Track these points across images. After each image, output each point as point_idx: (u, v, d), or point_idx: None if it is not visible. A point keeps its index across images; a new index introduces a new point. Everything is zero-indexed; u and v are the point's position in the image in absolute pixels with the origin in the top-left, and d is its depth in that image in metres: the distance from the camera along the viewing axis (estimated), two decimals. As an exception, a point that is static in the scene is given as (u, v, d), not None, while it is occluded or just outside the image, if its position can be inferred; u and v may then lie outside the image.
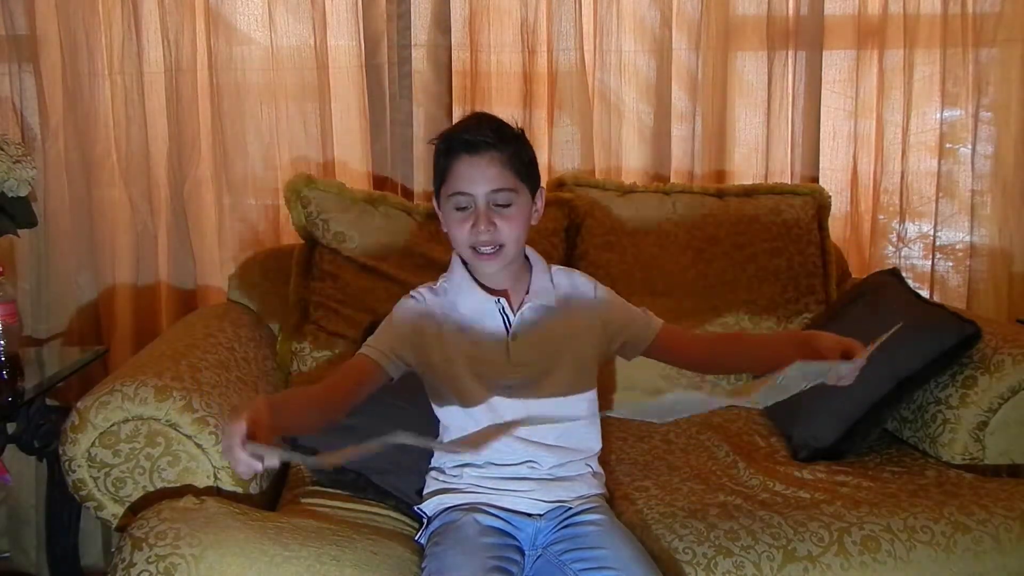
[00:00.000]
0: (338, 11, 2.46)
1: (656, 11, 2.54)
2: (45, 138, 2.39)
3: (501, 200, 1.56)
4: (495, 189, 1.55)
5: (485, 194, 1.55)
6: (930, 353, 1.95)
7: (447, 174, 1.57)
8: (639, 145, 2.61)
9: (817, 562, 1.63)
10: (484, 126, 1.57)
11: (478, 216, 1.55)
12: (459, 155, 1.55)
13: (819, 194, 2.43)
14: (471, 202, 1.56)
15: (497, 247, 1.57)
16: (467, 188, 1.55)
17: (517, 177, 1.57)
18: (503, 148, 1.55)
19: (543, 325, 1.64)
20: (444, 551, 1.47)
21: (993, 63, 2.64)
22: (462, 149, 1.55)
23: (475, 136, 1.55)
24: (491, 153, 1.54)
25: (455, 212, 1.58)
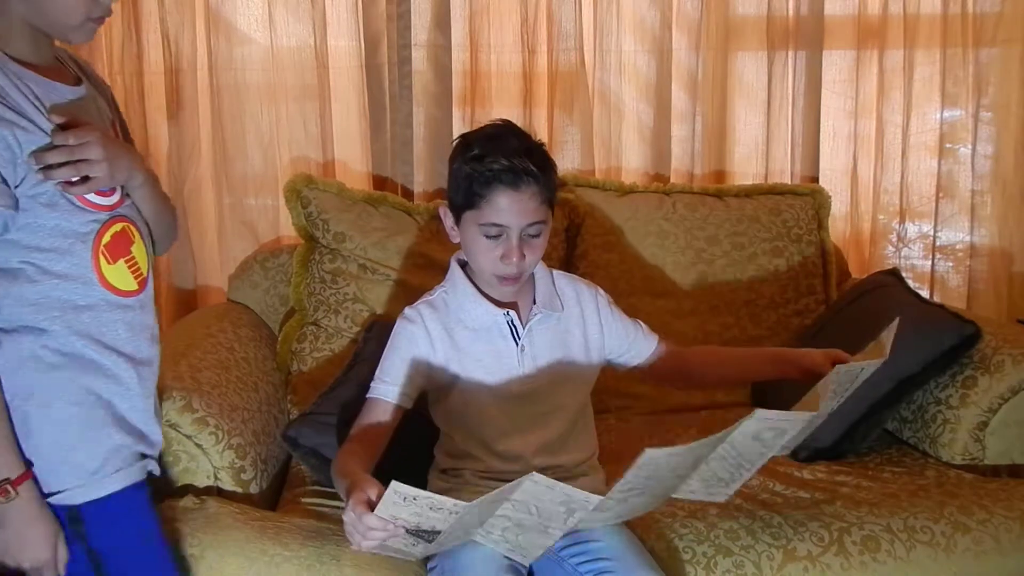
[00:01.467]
0: (338, 11, 2.45)
1: (656, 11, 2.53)
2: (45, 138, 2.38)
3: (533, 232, 1.53)
4: (530, 223, 1.52)
5: (521, 227, 1.52)
6: (930, 353, 1.95)
7: (482, 203, 1.50)
8: (639, 145, 2.61)
9: (817, 562, 1.63)
10: (522, 150, 1.51)
11: (510, 248, 1.51)
12: (500, 187, 1.49)
13: (819, 194, 2.43)
14: (505, 232, 1.52)
15: (519, 275, 1.56)
16: (505, 221, 1.51)
17: (548, 207, 1.55)
18: (541, 178, 1.51)
19: (551, 334, 1.64)
20: (456, 551, 1.46)
21: (993, 63, 2.64)
22: (505, 182, 1.49)
23: (518, 166, 1.49)
24: (532, 188, 1.50)
25: (484, 239, 1.53)
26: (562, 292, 1.67)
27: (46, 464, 1.25)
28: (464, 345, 1.61)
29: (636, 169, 2.60)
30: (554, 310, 1.64)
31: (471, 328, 1.61)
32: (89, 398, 1.28)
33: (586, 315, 1.68)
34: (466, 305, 1.61)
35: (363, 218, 2.20)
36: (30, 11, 1.24)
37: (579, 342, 1.66)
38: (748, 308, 2.30)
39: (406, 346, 1.60)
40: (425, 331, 1.60)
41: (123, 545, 1.30)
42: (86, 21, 1.25)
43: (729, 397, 2.26)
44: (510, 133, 1.56)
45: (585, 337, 1.67)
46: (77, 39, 1.29)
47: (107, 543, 1.28)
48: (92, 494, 1.27)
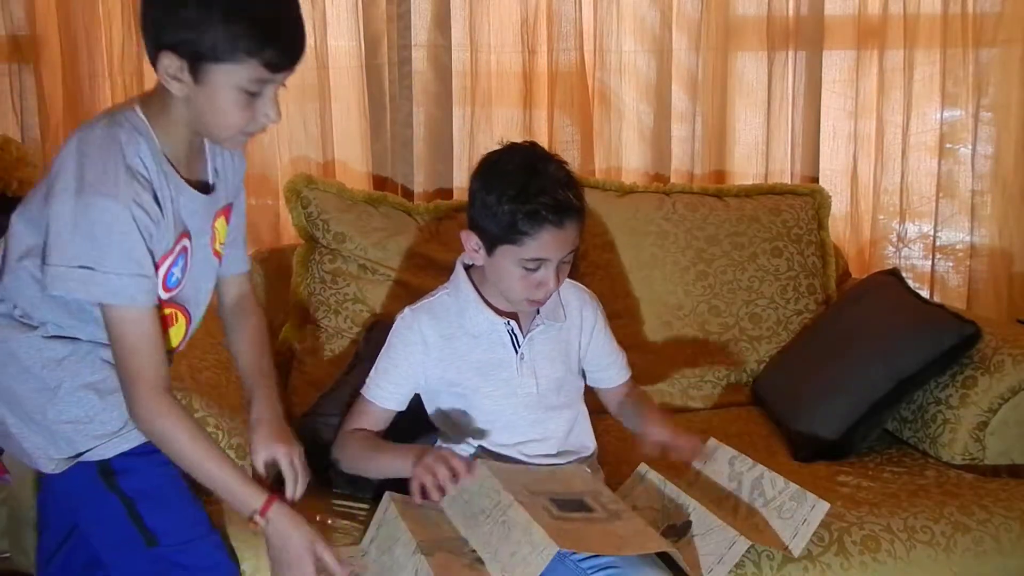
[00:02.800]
0: (338, 11, 2.45)
1: (656, 11, 2.53)
2: (45, 138, 2.38)
3: (567, 259, 1.55)
4: (568, 253, 1.54)
5: (560, 258, 1.53)
6: (930, 353, 1.95)
7: (523, 240, 1.49)
8: (639, 145, 2.61)
9: (817, 562, 1.63)
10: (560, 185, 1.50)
11: (547, 277, 1.52)
12: (546, 227, 1.48)
13: (819, 194, 2.43)
14: (543, 265, 1.52)
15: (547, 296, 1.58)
16: (547, 255, 1.51)
17: (580, 233, 1.56)
18: (580, 209, 1.52)
19: (552, 344, 1.65)
20: None
21: (993, 63, 2.64)
22: (553, 222, 1.48)
23: (563, 204, 1.48)
24: (574, 222, 1.51)
25: (521, 270, 1.52)
26: (566, 301, 1.68)
27: (73, 428, 1.32)
28: (462, 351, 1.61)
29: (636, 169, 2.60)
30: (557, 320, 1.65)
31: (471, 334, 1.61)
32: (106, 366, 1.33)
33: (584, 325, 1.69)
34: (468, 311, 1.61)
35: (363, 218, 2.20)
36: (192, 118, 1.29)
37: (575, 350, 1.69)
38: (748, 308, 2.30)
39: (401, 350, 1.62)
40: (421, 337, 1.61)
41: (152, 488, 1.36)
42: (239, 135, 1.32)
43: (729, 398, 2.26)
44: (545, 161, 1.54)
45: (579, 345, 1.69)
46: (228, 147, 1.39)
47: (137, 487, 1.35)
48: (120, 447, 1.34)
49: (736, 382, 2.27)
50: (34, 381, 1.32)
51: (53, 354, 1.32)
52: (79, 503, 1.38)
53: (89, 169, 1.22)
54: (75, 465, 1.34)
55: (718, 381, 2.26)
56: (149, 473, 1.35)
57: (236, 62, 1.23)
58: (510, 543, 1.34)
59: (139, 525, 1.34)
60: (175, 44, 1.22)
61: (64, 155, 1.25)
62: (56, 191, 1.23)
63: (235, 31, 1.21)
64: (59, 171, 1.24)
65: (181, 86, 1.25)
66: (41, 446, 1.34)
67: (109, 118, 1.28)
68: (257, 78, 1.25)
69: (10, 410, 1.34)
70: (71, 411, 1.32)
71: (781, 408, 2.13)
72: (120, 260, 1.23)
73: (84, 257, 1.22)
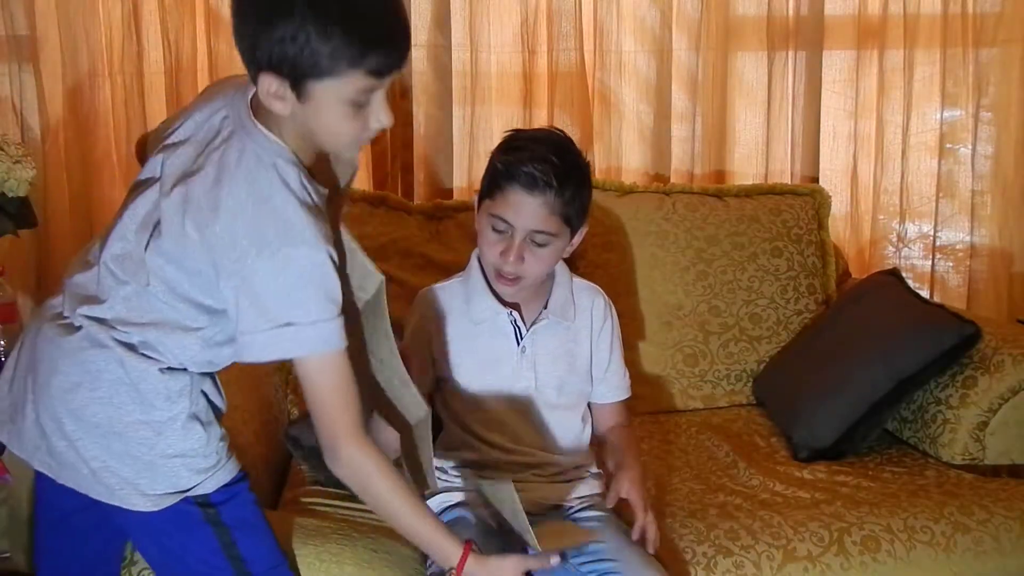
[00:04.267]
0: (338, 11, 2.45)
1: (656, 11, 2.53)
2: (45, 138, 2.38)
3: (539, 240, 1.54)
4: (536, 230, 1.53)
5: (525, 230, 1.53)
6: (930, 353, 1.95)
7: (498, 195, 1.53)
8: (639, 145, 2.61)
9: (817, 562, 1.63)
10: (551, 160, 1.51)
11: (510, 247, 1.53)
12: (513, 184, 1.51)
13: (819, 194, 2.43)
14: (509, 230, 1.53)
15: (517, 277, 1.56)
16: (510, 218, 1.52)
17: (563, 221, 1.54)
18: (561, 192, 1.51)
19: (557, 342, 1.65)
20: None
21: (993, 63, 2.64)
22: (521, 183, 1.51)
23: (536, 173, 1.50)
24: (546, 196, 1.51)
25: (491, 231, 1.55)
26: (579, 302, 1.68)
27: (181, 461, 1.26)
28: (466, 336, 1.63)
29: (636, 169, 2.60)
30: (565, 319, 1.65)
31: (474, 321, 1.63)
32: (203, 397, 1.30)
33: (593, 326, 1.69)
34: (474, 296, 1.63)
35: (363, 218, 2.20)
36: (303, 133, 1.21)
37: (585, 353, 1.67)
38: (748, 308, 2.30)
39: (413, 325, 1.67)
40: (434, 313, 1.65)
41: (249, 515, 1.33)
42: (353, 143, 1.25)
43: (729, 398, 2.26)
44: (551, 142, 1.56)
45: (589, 348, 1.68)
46: (345, 156, 1.32)
47: (237, 515, 1.31)
48: (222, 480, 1.29)
49: (736, 382, 2.27)
50: (147, 413, 1.24)
51: (176, 385, 1.25)
52: (164, 538, 1.30)
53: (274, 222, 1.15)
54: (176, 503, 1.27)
55: (718, 381, 2.26)
56: (245, 500, 1.32)
57: (339, 76, 1.14)
58: None
59: (232, 554, 1.29)
60: (273, 63, 1.14)
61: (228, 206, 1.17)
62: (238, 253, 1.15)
63: (334, 44, 1.12)
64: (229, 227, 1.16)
65: (284, 104, 1.17)
66: (131, 481, 1.25)
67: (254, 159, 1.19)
68: (363, 88, 1.16)
69: (105, 444, 1.25)
70: (180, 444, 1.25)
71: (781, 408, 2.13)
72: (322, 306, 1.17)
73: (288, 315, 1.15)
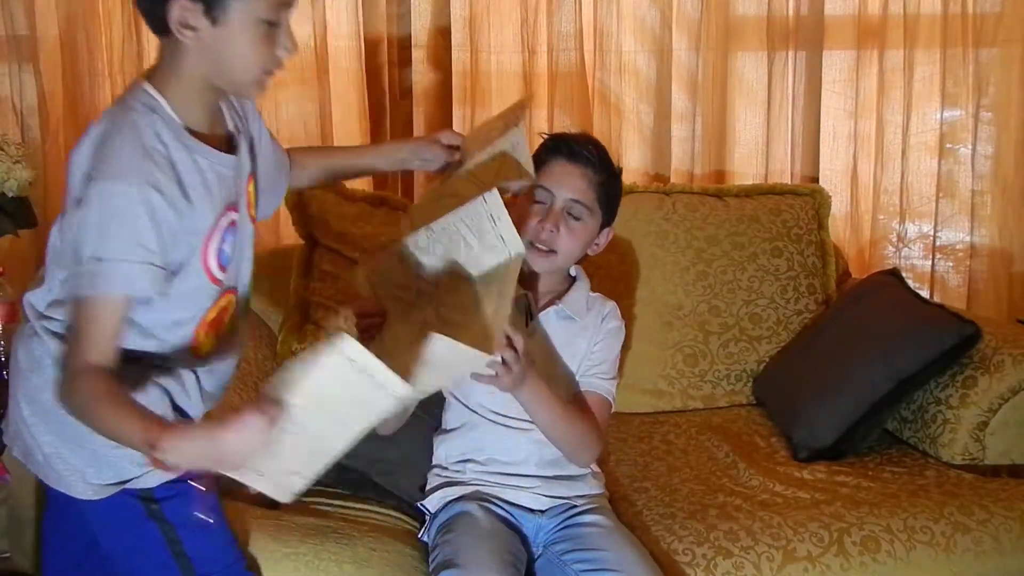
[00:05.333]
0: (338, 11, 2.45)
1: (656, 11, 2.53)
2: (45, 138, 2.39)
3: (575, 212, 1.62)
4: (575, 199, 1.61)
5: (565, 199, 1.61)
6: (930, 353, 1.95)
7: (540, 168, 1.60)
8: (639, 145, 2.61)
9: (817, 562, 1.63)
10: (593, 142, 1.67)
11: (549, 214, 1.60)
12: (558, 156, 1.63)
13: (819, 194, 2.43)
14: (549, 200, 1.61)
15: (551, 250, 1.61)
16: (552, 187, 1.61)
17: (597, 201, 1.63)
18: (600, 170, 1.63)
19: (562, 335, 1.66)
20: (457, 538, 1.49)
21: (993, 63, 2.64)
22: (563, 152, 1.63)
23: (581, 148, 1.63)
24: (586, 169, 1.62)
25: (532, 203, 1.62)
26: (591, 306, 1.71)
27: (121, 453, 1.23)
28: None
29: (636, 169, 2.60)
30: (575, 315, 1.67)
31: None
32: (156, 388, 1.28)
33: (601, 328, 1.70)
34: None
35: (363, 218, 2.20)
36: (209, 70, 1.23)
37: (581, 352, 1.68)
38: (748, 308, 2.30)
39: None
40: None
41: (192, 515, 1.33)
42: (261, 75, 1.27)
43: (729, 398, 2.26)
44: (592, 138, 1.73)
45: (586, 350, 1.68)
46: (250, 94, 1.31)
47: (180, 511, 1.31)
48: (162, 477, 1.29)
49: (736, 382, 2.27)
50: None
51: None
52: (110, 530, 1.33)
53: (104, 157, 1.16)
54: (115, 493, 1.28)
55: (718, 381, 2.26)
56: (192, 499, 1.32)
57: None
58: None
59: (177, 551, 1.31)
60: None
61: (79, 152, 1.19)
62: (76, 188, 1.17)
63: None
64: (73, 170, 1.18)
65: (196, 35, 1.18)
66: (79, 469, 1.27)
67: (120, 104, 1.23)
68: (277, 2, 1.21)
69: (54, 431, 1.27)
70: None
71: (781, 408, 2.13)
72: (127, 247, 1.14)
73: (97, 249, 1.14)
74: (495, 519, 1.55)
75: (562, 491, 1.62)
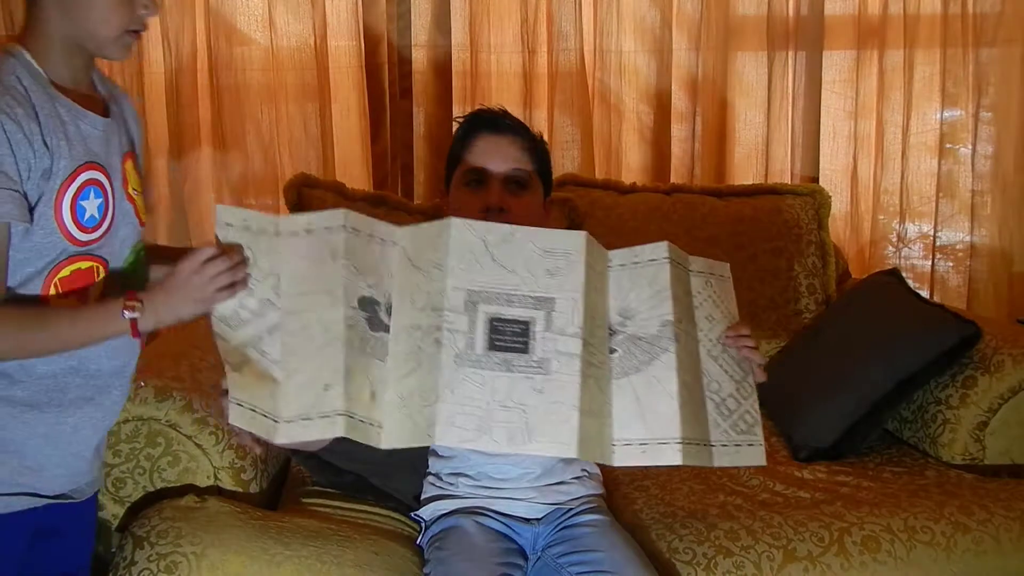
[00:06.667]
0: (338, 11, 2.46)
1: (656, 11, 2.54)
2: (45, 138, 2.39)
3: (519, 179, 1.53)
4: (514, 168, 1.52)
5: (502, 173, 1.52)
6: (930, 353, 1.95)
7: (464, 152, 1.54)
8: (639, 145, 2.61)
9: (817, 562, 1.63)
10: (506, 112, 1.58)
11: (491, 193, 1.50)
12: (480, 133, 1.54)
13: (819, 194, 2.43)
14: (485, 178, 1.52)
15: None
16: (485, 163, 1.52)
17: (534, 167, 1.56)
18: (525, 136, 1.55)
19: None
20: (449, 556, 1.45)
21: (993, 63, 2.64)
22: (484, 127, 1.54)
23: (501, 118, 1.55)
24: (512, 136, 1.54)
25: (467, 192, 1.53)
26: None
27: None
28: None
29: (636, 169, 2.61)
30: None
31: None
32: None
33: None
34: None
35: (363, 218, 2.20)
36: (68, 25, 1.23)
37: None
38: (748, 308, 2.29)
39: None
40: None
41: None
42: (123, 34, 1.25)
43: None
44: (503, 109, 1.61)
45: None
46: (114, 55, 1.28)
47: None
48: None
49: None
50: None
51: None
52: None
53: None
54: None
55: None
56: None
57: None
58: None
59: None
60: None
61: None
62: None
63: None
64: None
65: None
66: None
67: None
68: None
69: None
70: None
71: (781, 408, 2.13)
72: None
73: None
74: (489, 533, 1.52)
75: (557, 498, 1.58)
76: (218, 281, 1.20)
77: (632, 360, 1.31)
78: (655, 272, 1.33)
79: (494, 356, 1.24)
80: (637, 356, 1.32)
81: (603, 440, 1.27)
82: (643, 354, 1.32)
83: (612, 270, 1.34)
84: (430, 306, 1.27)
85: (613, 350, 1.31)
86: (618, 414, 1.28)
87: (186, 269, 1.20)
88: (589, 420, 1.24)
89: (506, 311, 1.26)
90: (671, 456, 1.27)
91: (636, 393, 1.29)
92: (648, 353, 1.31)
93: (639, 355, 1.32)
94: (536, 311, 1.26)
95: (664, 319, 1.32)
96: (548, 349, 1.24)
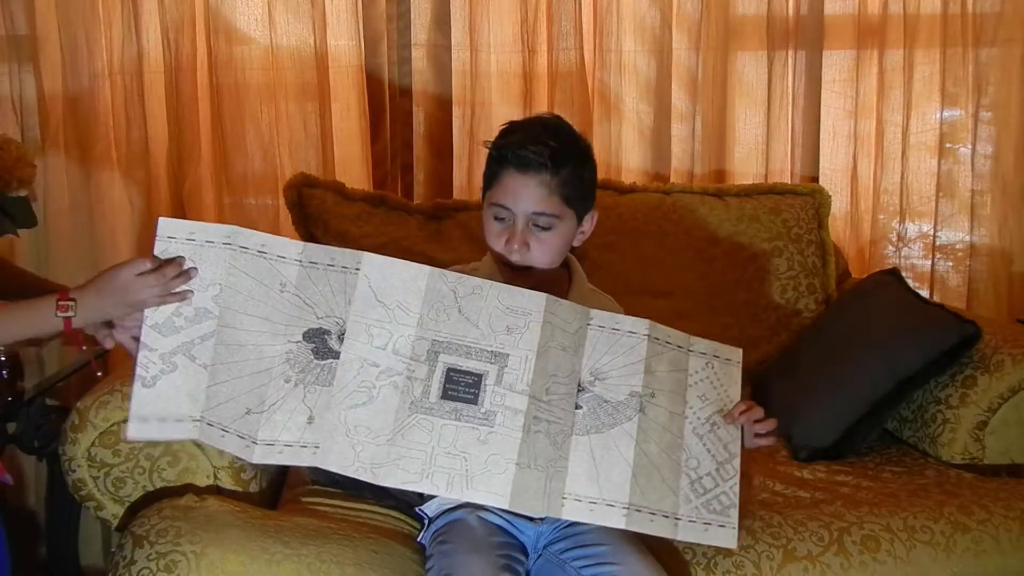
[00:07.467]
0: (338, 11, 2.46)
1: (656, 11, 2.54)
2: (45, 138, 2.39)
3: (542, 223, 1.51)
4: (537, 212, 1.51)
5: (526, 214, 1.51)
6: (930, 353, 1.95)
7: (494, 182, 1.53)
8: (639, 145, 2.61)
9: (817, 562, 1.63)
10: (544, 141, 1.49)
11: (513, 234, 1.51)
12: (508, 168, 1.50)
13: (819, 194, 2.43)
14: (510, 217, 1.52)
15: (527, 267, 1.54)
16: (509, 204, 1.51)
17: (564, 203, 1.51)
18: (557, 171, 1.49)
19: None
20: (453, 549, 1.46)
21: (993, 63, 2.64)
22: (513, 163, 1.49)
23: (529, 153, 1.48)
24: (542, 175, 1.48)
25: (494, 221, 1.54)
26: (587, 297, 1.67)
27: None
28: None
29: (636, 169, 2.61)
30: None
31: None
32: None
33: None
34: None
35: (363, 218, 2.20)
36: None
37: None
38: (748, 308, 2.30)
39: None
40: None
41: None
42: None
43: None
44: (543, 124, 1.56)
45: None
46: None
47: None
48: None
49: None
50: None
51: None
52: None
53: None
54: None
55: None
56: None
57: None
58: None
59: None
60: None
61: None
62: None
63: None
64: None
65: None
66: None
67: None
68: None
69: None
70: None
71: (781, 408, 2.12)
72: None
73: None
74: (494, 529, 1.52)
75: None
76: (151, 292, 1.28)
77: (595, 420, 1.39)
78: (633, 344, 1.44)
79: (446, 405, 1.33)
80: (601, 417, 1.39)
81: (550, 492, 1.34)
82: (607, 416, 1.39)
83: (591, 329, 1.42)
84: (391, 348, 1.33)
85: (579, 406, 1.39)
86: (573, 468, 1.36)
87: (120, 276, 1.25)
88: (528, 473, 1.32)
89: (463, 363, 1.34)
90: (616, 520, 1.37)
91: (593, 453, 1.37)
92: (612, 417, 1.39)
93: (603, 416, 1.39)
94: (490, 365, 1.35)
95: (632, 389, 1.41)
96: (496, 403, 1.33)
